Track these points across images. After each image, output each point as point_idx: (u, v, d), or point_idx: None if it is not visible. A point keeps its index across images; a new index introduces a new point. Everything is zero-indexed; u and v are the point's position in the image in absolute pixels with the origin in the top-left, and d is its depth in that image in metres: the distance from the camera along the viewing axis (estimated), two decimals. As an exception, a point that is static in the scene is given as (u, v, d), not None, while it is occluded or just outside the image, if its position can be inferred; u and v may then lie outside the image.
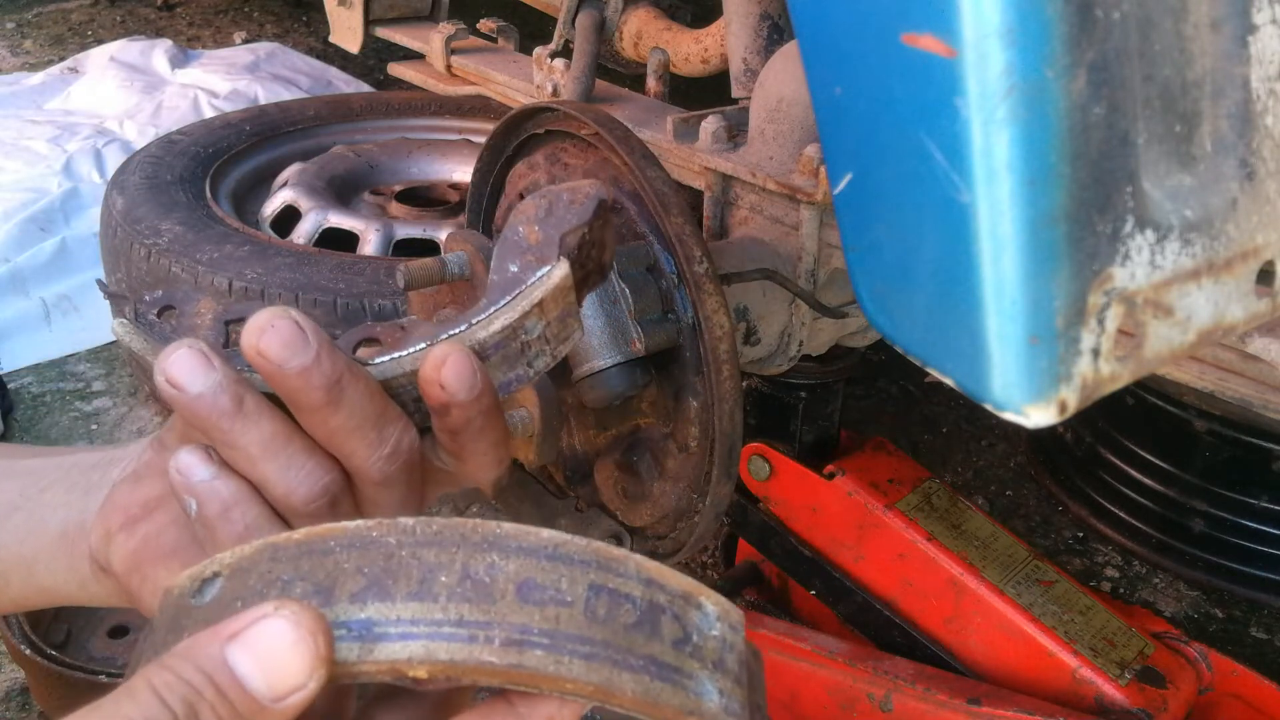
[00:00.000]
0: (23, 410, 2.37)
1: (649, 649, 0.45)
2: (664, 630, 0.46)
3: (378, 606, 0.44)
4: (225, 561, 0.47)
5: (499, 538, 0.46)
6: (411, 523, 0.47)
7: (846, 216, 0.65)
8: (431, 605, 0.44)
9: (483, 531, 0.46)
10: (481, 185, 1.35)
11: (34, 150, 3.34)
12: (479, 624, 0.44)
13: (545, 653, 0.44)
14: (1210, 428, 1.90)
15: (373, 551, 0.46)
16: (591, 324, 1.05)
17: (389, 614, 0.44)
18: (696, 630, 0.47)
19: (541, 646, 0.44)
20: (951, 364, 0.61)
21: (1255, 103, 0.63)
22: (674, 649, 0.46)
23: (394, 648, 0.44)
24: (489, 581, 0.45)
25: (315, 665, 0.42)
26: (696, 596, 0.48)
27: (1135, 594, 1.99)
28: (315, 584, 0.45)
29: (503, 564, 0.46)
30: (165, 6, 4.88)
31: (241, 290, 1.94)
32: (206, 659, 0.42)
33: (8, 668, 1.72)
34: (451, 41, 1.95)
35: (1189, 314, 0.62)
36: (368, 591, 0.45)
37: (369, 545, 0.46)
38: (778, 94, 1.23)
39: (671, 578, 0.48)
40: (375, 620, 0.44)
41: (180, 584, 0.47)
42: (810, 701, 1.48)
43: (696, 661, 0.46)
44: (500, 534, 0.46)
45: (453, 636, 0.44)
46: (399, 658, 0.43)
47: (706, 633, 0.47)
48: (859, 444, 1.60)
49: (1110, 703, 1.33)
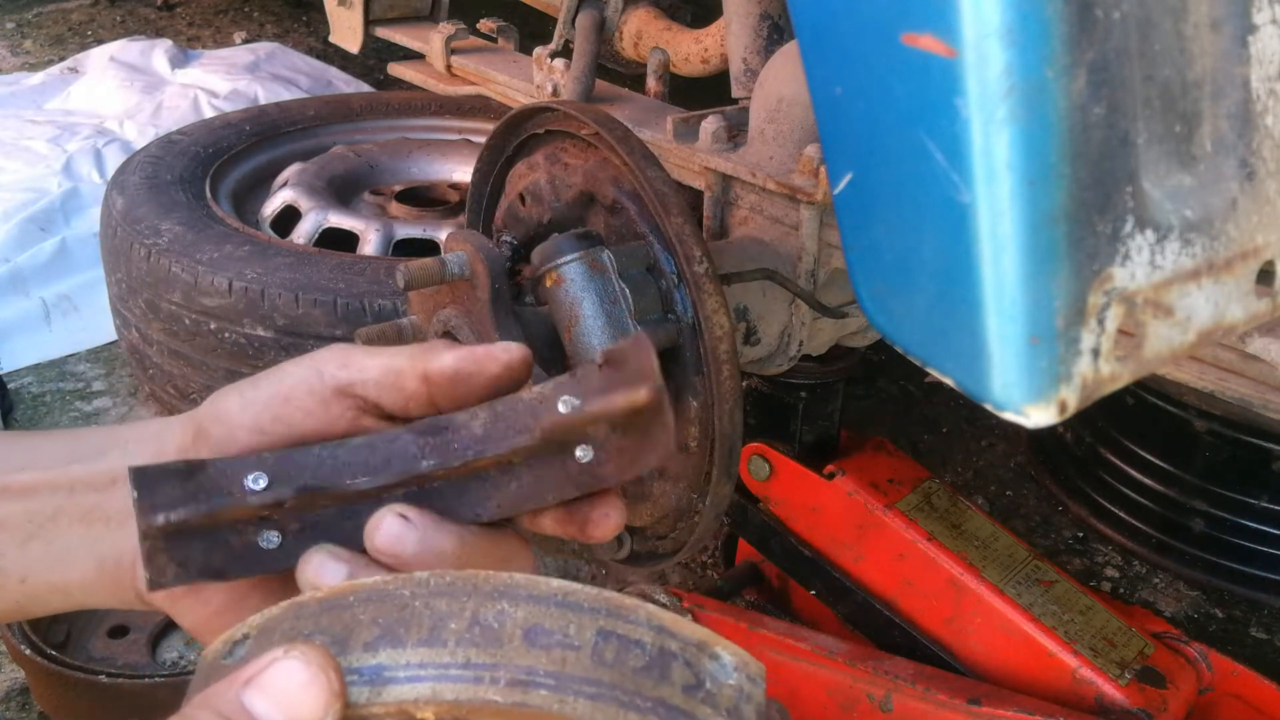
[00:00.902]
0: (23, 410, 2.37)
1: (658, 692, 0.45)
2: (674, 675, 0.46)
3: (389, 653, 0.46)
4: (254, 623, 0.49)
5: (509, 587, 0.48)
6: (426, 575, 0.48)
7: (846, 216, 0.65)
8: (440, 650, 0.46)
9: (494, 582, 0.48)
10: (481, 185, 1.35)
11: (34, 150, 3.34)
12: (485, 666, 0.45)
13: (550, 692, 0.44)
14: (1210, 428, 1.90)
15: (388, 604, 0.47)
16: (591, 324, 1.05)
17: (399, 659, 0.46)
18: (710, 678, 0.47)
19: (547, 687, 0.45)
20: (951, 364, 0.61)
21: (1255, 103, 0.63)
22: (684, 694, 0.46)
23: (402, 690, 0.45)
24: (497, 627, 0.46)
25: (330, 700, 0.44)
26: (712, 646, 0.48)
27: (1135, 594, 1.99)
28: (333, 636, 0.47)
29: (512, 611, 0.47)
30: (165, 6, 4.87)
31: (242, 290, 1.94)
32: (224, 703, 0.43)
33: (8, 668, 1.72)
34: (451, 41, 1.94)
35: (1189, 314, 0.62)
36: (380, 640, 0.46)
37: (385, 598, 0.48)
38: (778, 94, 1.23)
39: (685, 627, 0.48)
40: (386, 665, 0.45)
41: (214, 648, 0.49)
42: (810, 701, 1.48)
43: (709, 708, 0.46)
44: (511, 583, 0.48)
45: (459, 678, 0.45)
46: (406, 698, 0.45)
47: (722, 681, 0.47)
48: (859, 444, 1.60)
49: (1110, 703, 1.33)
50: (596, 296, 1.05)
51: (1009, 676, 1.40)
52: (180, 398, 2.13)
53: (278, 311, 1.93)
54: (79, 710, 1.58)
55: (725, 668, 0.48)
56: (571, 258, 1.06)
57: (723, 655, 0.48)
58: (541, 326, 1.09)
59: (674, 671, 0.46)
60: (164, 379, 2.15)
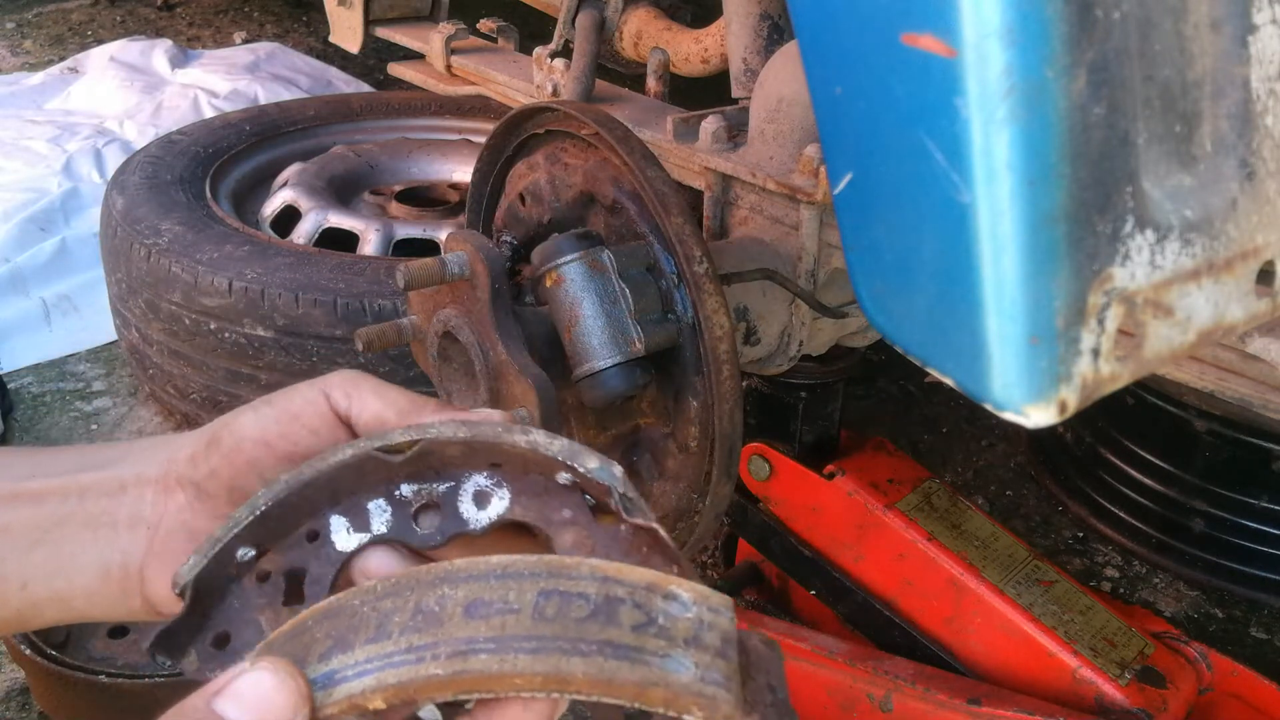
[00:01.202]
0: (23, 410, 2.37)
1: (604, 635, 0.46)
2: (622, 618, 0.47)
3: (340, 657, 0.48)
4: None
5: (450, 572, 0.49)
6: (374, 584, 0.51)
7: (846, 216, 0.65)
8: (385, 643, 0.48)
9: (436, 571, 0.50)
10: (481, 185, 1.35)
11: (34, 150, 3.34)
12: (426, 646, 0.47)
13: (490, 655, 0.46)
14: (1210, 428, 1.90)
15: (339, 617, 0.50)
16: (591, 324, 1.05)
17: (349, 660, 0.48)
18: (663, 614, 0.48)
19: (486, 651, 0.46)
20: (951, 364, 0.61)
21: (1255, 103, 0.63)
22: (634, 632, 0.47)
23: (350, 686, 0.47)
24: (438, 610, 0.48)
25: (299, 703, 0.47)
26: (664, 585, 0.49)
27: (1135, 594, 1.99)
28: (294, 657, 0.49)
29: (452, 593, 0.48)
30: (165, 6, 4.88)
31: (242, 290, 1.94)
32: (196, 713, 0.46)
33: (8, 668, 1.72)
34: (451, 41, 1.94)
35: (1189, 314, 0.62)
36: (333, 649, 0.48)
37: (337, 613, 0.50)
38: (778, 94, 1.23)
39: (632, 573, 0.49)
40: (337, 669, 0.48)
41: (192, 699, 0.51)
42: (810, 701, 1.48)
43: (664, 640, 0.47)
44: (452, 569, 0.50)
45: (402, 663, 0.47)
46: (355, 692, 0.47)
47: (678, 616, 0.48)
48: (859, 444, 1.60)
49: (1110, 703, 1.33)
50: (596, 296, 1.05)
51: (1009, 676, 1.40)
52: (180, 398, 2.13)
53: (278, 311, 1.94)
54: (79, 710, 1.58)
55: (683, 604, 0.48)
56: (571, 258, 1.06)
57: (680, 594, 0.49)
58: (541, 326, 1.09)
59: (621, 614, 0.47)
60: (164, 379, 2.15)
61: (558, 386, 1.05)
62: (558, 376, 1.07)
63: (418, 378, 1.10)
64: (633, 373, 1.07)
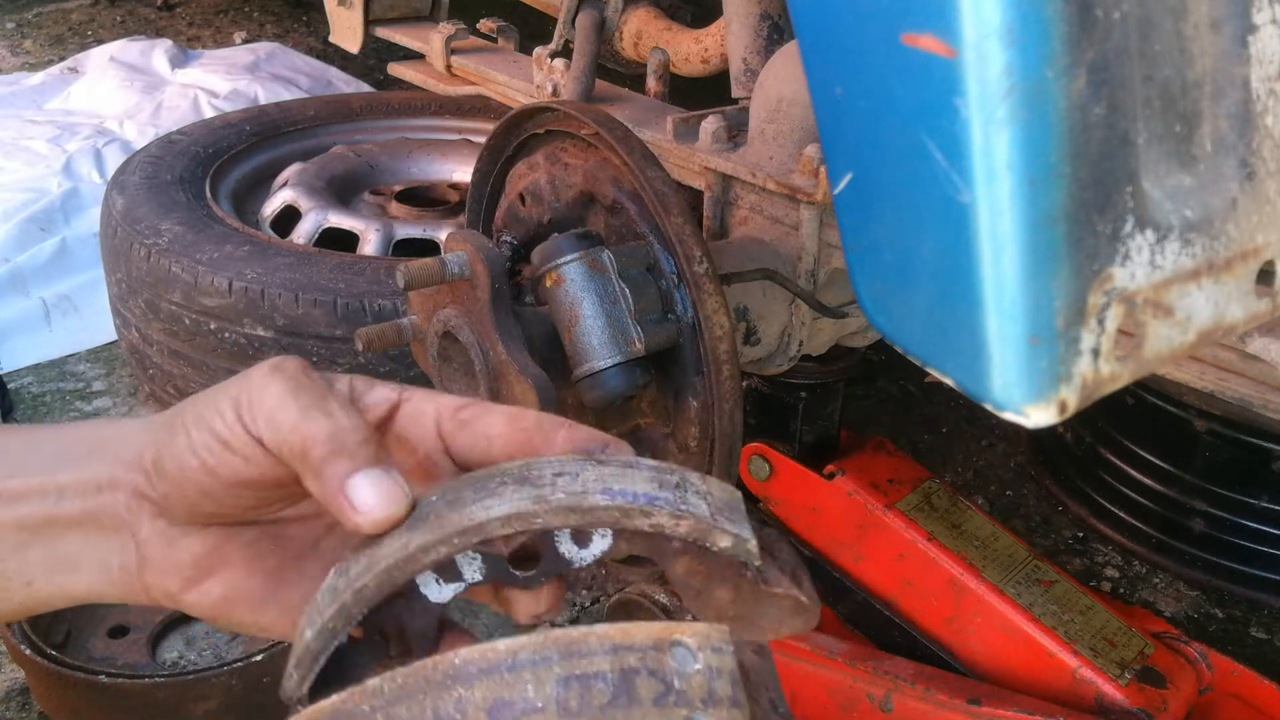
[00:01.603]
0: (23, 410, 2.37)
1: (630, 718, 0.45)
2: (641, 693, 0.46)
3: None
4: None
5: (459, 669, 0.46)
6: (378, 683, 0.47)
7: (846, 216, 0.65)
8: None
9: (443, 668, 0.46)
10: (481, 185, 1.35)
11: (34, 150, 3.34)
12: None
13: None
14: (1210, 428, 1.90)
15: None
16: (591, 324, 1.05)
17: None
18: (677, 675, 0.46)
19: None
20: (951, 364, 0.61)
21: (1255, 103, 0.63)
22: (657, 707, 0.45)
23: None
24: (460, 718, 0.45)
25: None
26: (667, 639, 0.47)
27: (1135, 594, 1.99)
28: None
29: (469, 695, 0.46)
30: (165, 6, 4.87)
31: (242, 290, 1.94)
32: None
33: (8, 668, 1.72)
34: (451, 41, 1.95)
35: (1189, 314, 0.62)
36: None
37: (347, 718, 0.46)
38: (778, 94, 1.23)
39: (638, 632, 0.47)
40: None
41: None
42: (810, 701, 1.48)
43: (684, 708, 0.46)
44: (459, 664, 0.46)
45: None
46: None
47: (688, 673, 0.47)
48: (859, 444, 1.60)
49: (1110, 703, 1.33)
50: (596, 296, 1.05)
51: (1009, 676, 1.40)
52: (180, 397, 2.12)
53: (278, 311, 1.94)
54: (79, 710, 1.58)
55: (689, 654, 0.47)
56: (571, 258, 1.06)
57: (683, 641, 0.47)
58: (541, 326, 1.09)
59: (640, 688, 0.46)
60: (164, 379, 2.15)
61: (558, 386, 1.05)
62: (558, 376, 1.07)
63: (418, 377, 1.10)
64: (633, 373, 1.07)
